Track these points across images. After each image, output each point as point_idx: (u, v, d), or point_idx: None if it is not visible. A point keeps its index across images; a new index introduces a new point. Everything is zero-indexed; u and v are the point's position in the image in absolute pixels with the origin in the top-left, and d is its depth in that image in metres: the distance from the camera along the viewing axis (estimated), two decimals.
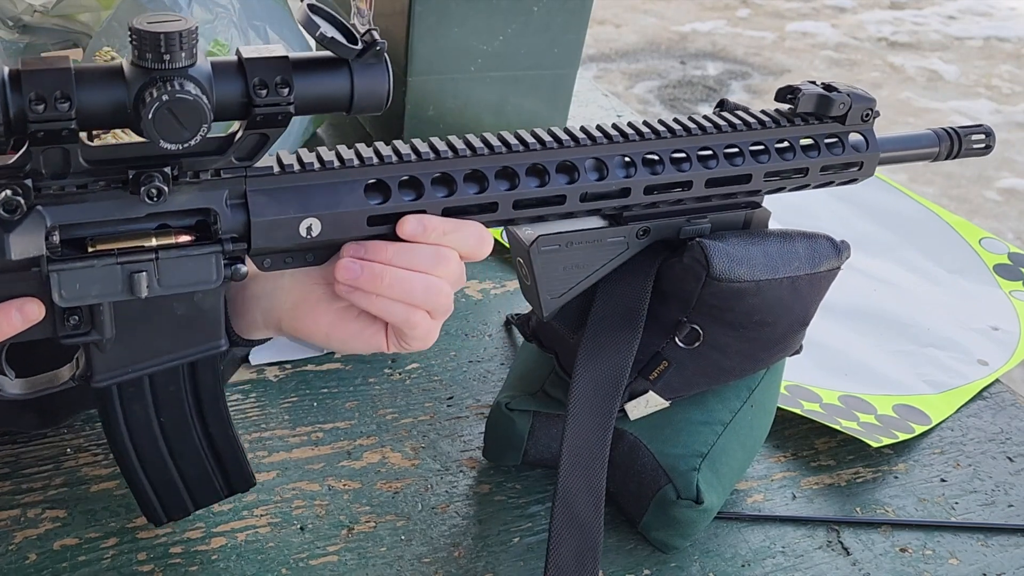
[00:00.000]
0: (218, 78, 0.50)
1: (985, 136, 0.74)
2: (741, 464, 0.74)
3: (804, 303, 0.69)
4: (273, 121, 0.52)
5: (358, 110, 0.54)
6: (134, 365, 0.59)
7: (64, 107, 0.47)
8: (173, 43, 0.48)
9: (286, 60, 0.51)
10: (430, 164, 0.59)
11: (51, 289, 0.53)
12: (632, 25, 4.72)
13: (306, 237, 0.57)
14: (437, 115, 1.14)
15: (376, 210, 0.58)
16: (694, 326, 0.67)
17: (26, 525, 0.68)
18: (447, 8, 1.07)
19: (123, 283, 0.54)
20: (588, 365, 0.65)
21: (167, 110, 0.48)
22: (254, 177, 0.56)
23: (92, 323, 0.56)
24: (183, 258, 0.55)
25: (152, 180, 0.51)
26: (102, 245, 0.54)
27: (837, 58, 4.50)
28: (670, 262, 0.67)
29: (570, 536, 0.62)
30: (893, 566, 0.73)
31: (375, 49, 0.52)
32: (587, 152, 0.63)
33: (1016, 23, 5.13)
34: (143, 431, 0.62)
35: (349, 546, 0.69)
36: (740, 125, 0.66)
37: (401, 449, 0.78)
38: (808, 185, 0.70)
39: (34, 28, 1.15)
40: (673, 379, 0.69)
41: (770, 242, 0.67)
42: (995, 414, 0.91)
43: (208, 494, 0.65)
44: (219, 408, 0.63)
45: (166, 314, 0.58)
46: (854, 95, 0.68)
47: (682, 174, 0.65)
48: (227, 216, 0.55)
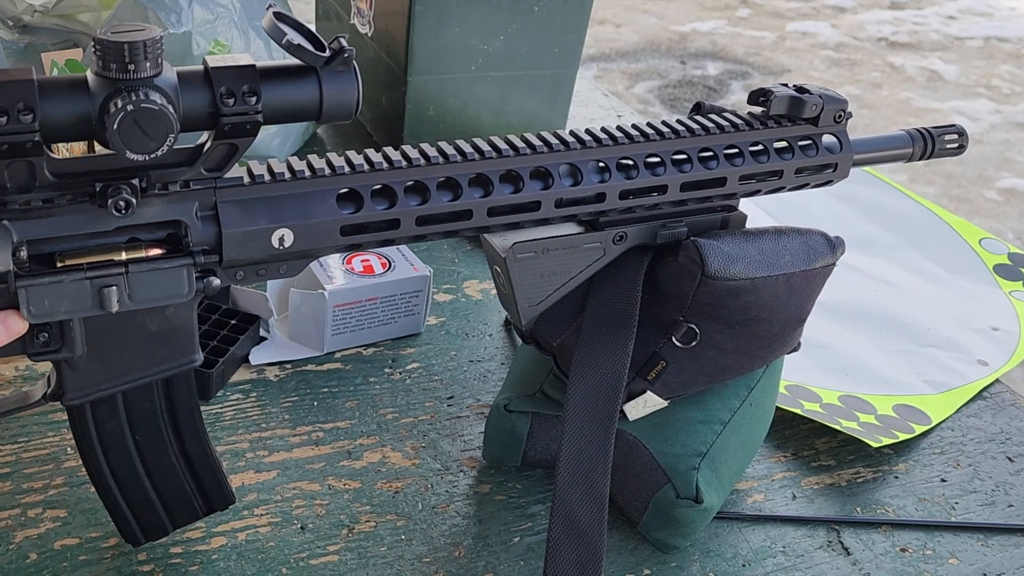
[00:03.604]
0: (184, 88, 0.49)
1: (958, 136, 0.75)
2: (740, 463, 0.74)
3: (800, 299, 0.69)
4: (241, 131, 0.51)
5: (327, 118, 0.53)
6: (107, 383, 0.58)
7: (27, 119, 0.46)
8: (137, 53, 0.47)
9: (253, 68, 0.50)
10: (402, 172, 0.58)
11: (19, 306, 0.52)
12: (632, 25, 4.72)
13: (279, 248, 0.57)
14: (437, 115, 1.14)
15: (349, 220, 0.58)
16: (691, 325, 0.67)
17: (26, 525, 0.68)
18: (447, 8, 1.07)
19: (93, 298, 0.53)
20: (584, 372, 0.65)
21: (132, 120, 0.47)
22: (224, 188, 0.55)
23: (63, 340, 0.55)
24: (153, 272, 0.54)
25: (119, 192, 0.50)
26: (71, 260, 0.53)
27: (837, 58, 4.50)
28: (665, 262, 0.67)
29: (570, 544, 0.62)
30: (893, 566, 0.73)
31: (343, 56, 0.52)
32: (561, 158, 0.62)
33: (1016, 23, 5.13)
34: (118, 450, 0.61)
35: (349, 546, 0.69)
36: (713, 128, 0.66)
37: (401, 449, 0.78)
38: (783, 187, 0.70)
39: (34, 28, 1.15)
40: (671, 379, 0.69)
41: (764, 239, 0.67)
42: (995, 414, 0.91)
43: (186, 513, 0.65)
44: (195, 424, 0.62)
45: (138, 330, 0.57)
46: (826, 96, 0.68)
47: (657, 178, 0.64)
48: (198, 228, 0.54)
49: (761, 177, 0.68)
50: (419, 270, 0.89)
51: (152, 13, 1.02)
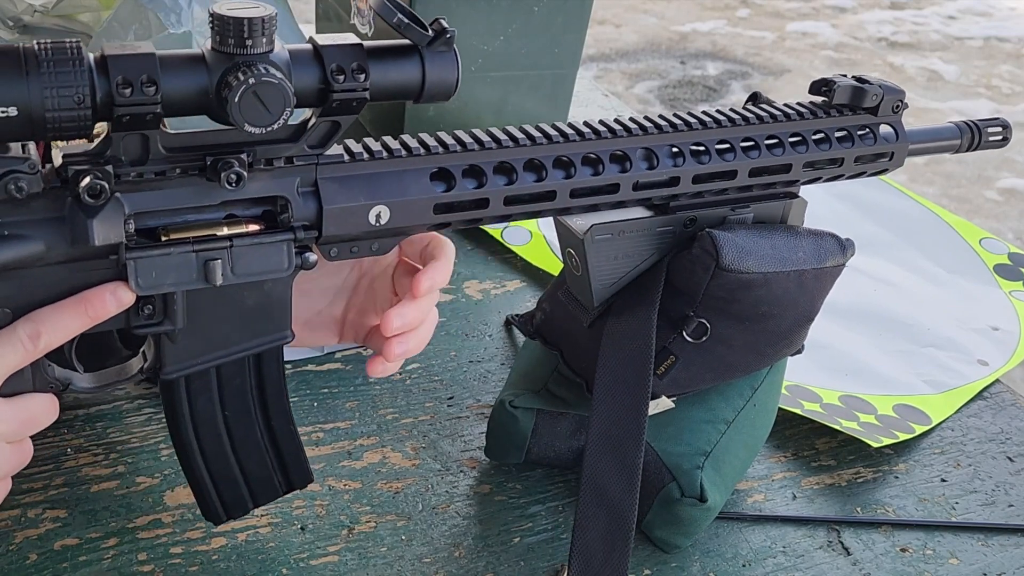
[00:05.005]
0: (296, 65, 0.51)
1: (1002, 128, 0.78)
2: (743, 463, 0.74)
3: (809, 298, 0.69)
4: (348, 107, 0.53)
5: (428, 97, 0.55)
6: (203, 356, 0.59)
7: (150, 91, 0.47)
8: (256, 29, 0.48)
9: (361, 47, 0.52)
10: (491, 153, 0.60)
11: (128, 277, 0.53)
12: (632, 25, 4.72)
13: (375, 225, 0.58)
14: (437, 115, 1.14)
15: (442, 198, 0.59)
16: (702, 320, 0.67)
17: (26, 525, 0.68)
18: (447, 8, 1.07)
19: (198, 271, 0.54)
20: (615, 340, 0.66)
21: (253, 94, 0.48)
22: (325, 165, 0.56)
23: (165, 313, 0.56)
24: (256, 246, 0.55)
25: (231, 166, 0.52)
26: (175, 235, 0.54)
27: (837, 58, 4.51)
28: (679, 255, 0.67)
29: (599, 516, 0.61)
30: (894, 566, 0.73)
31: (445, 37, 0.54)
32: (637, 142, 0.64)
33: (1016, 23, 5.13)
34: (208, 426, 0.61)
35: (350, 546, 0.69)
36: (780, 116, 0.68)
37: (401, 449, 0.78)
38: (843, 175, 0.72)
39: (34, 28, 1.15)
40: (680, 375, 0.69)
41: (777, 236, 0.68)
42: (995, 414, 0.91)
43: (268, 491, 0.65)
44: (283, 402, 0.63)
45: (236, 304, 0.58)
46: (885, 87, 0.71)
47: (727, 163, 0.66)
48: (299, 204, 0.56)
49: (823, 164, 0.71)
50: None
51: (152, 13, 1.02)
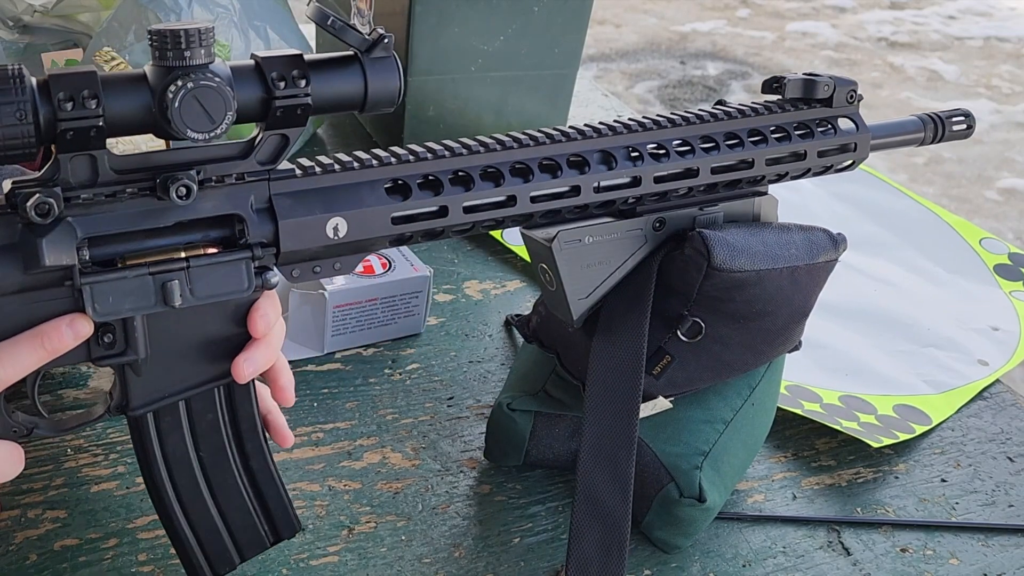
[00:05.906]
0: (237, 77, 0.51)
1: (964, 117, 0.78)
2: (742, 463, 0.74)
3: (803, 294, 0.69)
4: (292, 117, 0.53)
5: (372, 106, 0.55)
6: (170, 389, 0.58)
7: (92, 104, 0.48)
8: (193, 40, 0.49)
9: (301, 57, 0.53)
10: (446, 162, 0.60)
11: (84, 304, 0.52)
12: (632, 25, 4.72)
13: (333, 238, 0.58)
14: (437, 115, 1.14)
15: (399, 208, 0.59)
16: (696, 319, 0.67)
17: (26, 525, 0.68)
18: (447, 8, 1.07)
19: (156, 293, 0.54)
20: (604, 354, 0.65)
21: (193, 98, 0.49)
22: (277, 180, 0.56)
23: (127, 341, 0.56)
24: (214, 266, 0.55)
25: (179, 179, 0.52)
26: (132, 260, 0.54)
27: (837, 58, 4.51)
28: (671, 255, 0.67)
29: (594, 527, 0.62)
30: (894, 566, 0.73)
31: (383, 43, 0.54)
32: (594, 145, 0.64)
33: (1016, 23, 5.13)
34: (182, 466, 0.60)
35: (349, 546, 0.69)
36: (735, 114, 0.69)
37: (401, 449, 0.78)
38: (809, 170, 0.72)
39: (34, 28, 1.16)
40: (676, 374, 0.69)
41: (768, 233, 0.68)
42: (995, 414, 0.91)
43: (253, 540, 0.63)
44: (258, 439, 0.62)
45: (199, 331, 0.58)
46: (836, 78, 0.72)
47: (687, 162, 0.67)
48: (254, 221, 0.56)
49: (786, 159, 0.71)
50: (419, 270, 0.89)
51: (152, 13, 1.02)
